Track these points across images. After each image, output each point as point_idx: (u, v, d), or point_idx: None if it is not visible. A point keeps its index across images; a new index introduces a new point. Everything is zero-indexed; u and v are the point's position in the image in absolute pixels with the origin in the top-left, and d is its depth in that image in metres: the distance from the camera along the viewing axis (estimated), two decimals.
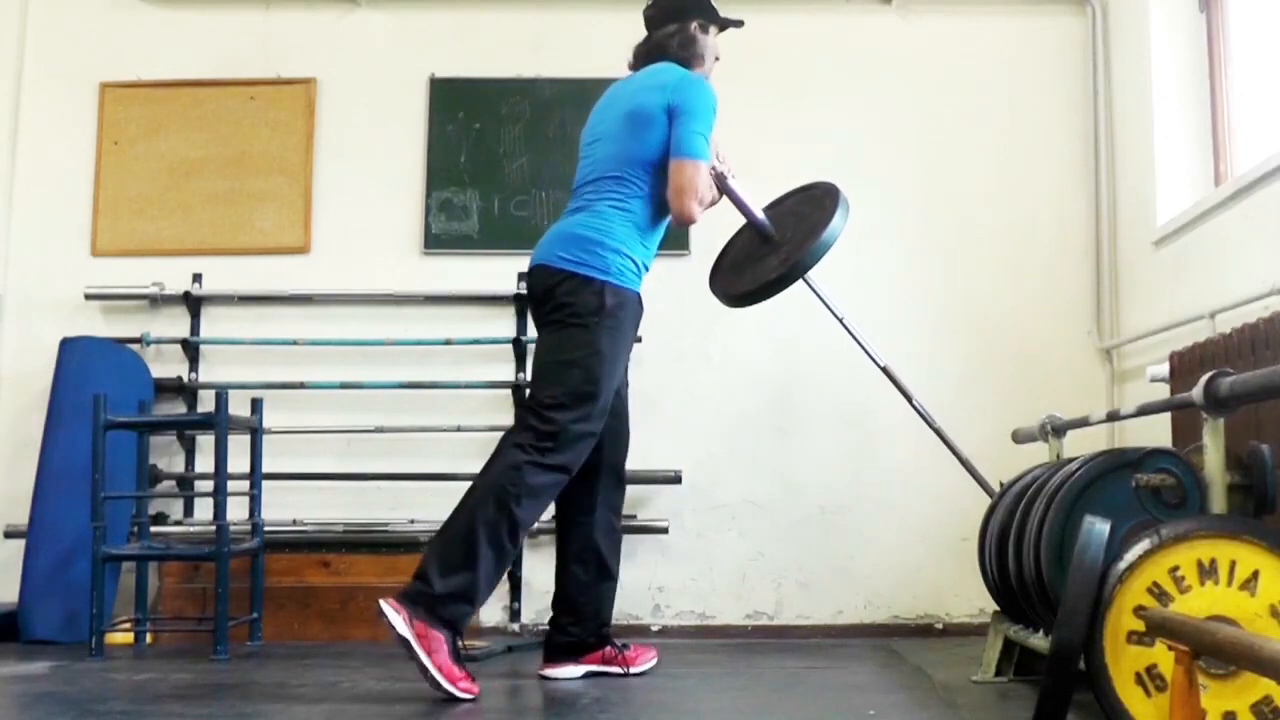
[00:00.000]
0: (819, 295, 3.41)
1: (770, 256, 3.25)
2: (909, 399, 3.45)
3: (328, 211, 4.32)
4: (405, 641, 2.65)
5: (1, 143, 4.33)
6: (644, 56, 3.17)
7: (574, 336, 2.92)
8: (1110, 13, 4.26)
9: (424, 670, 2.65)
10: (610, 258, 2.94)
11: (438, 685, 2.65)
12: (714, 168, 3.10)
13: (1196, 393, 2.27)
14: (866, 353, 3.46)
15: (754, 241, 3.34)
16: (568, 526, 3.11)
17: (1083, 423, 3.09)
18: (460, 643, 2.75)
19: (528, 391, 2.98)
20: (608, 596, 3.11)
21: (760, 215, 3.29)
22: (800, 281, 3.26)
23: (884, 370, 3.46)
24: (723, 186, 3.15)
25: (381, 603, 2.67)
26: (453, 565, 2.75)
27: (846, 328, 3.45)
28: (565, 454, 2.88)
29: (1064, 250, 4.24)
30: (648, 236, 3.06)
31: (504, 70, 4.36)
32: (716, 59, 3.23)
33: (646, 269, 3.08)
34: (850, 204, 3.22)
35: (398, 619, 2.65)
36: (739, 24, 3.26)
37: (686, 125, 2.96)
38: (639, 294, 3.04)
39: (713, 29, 3.21)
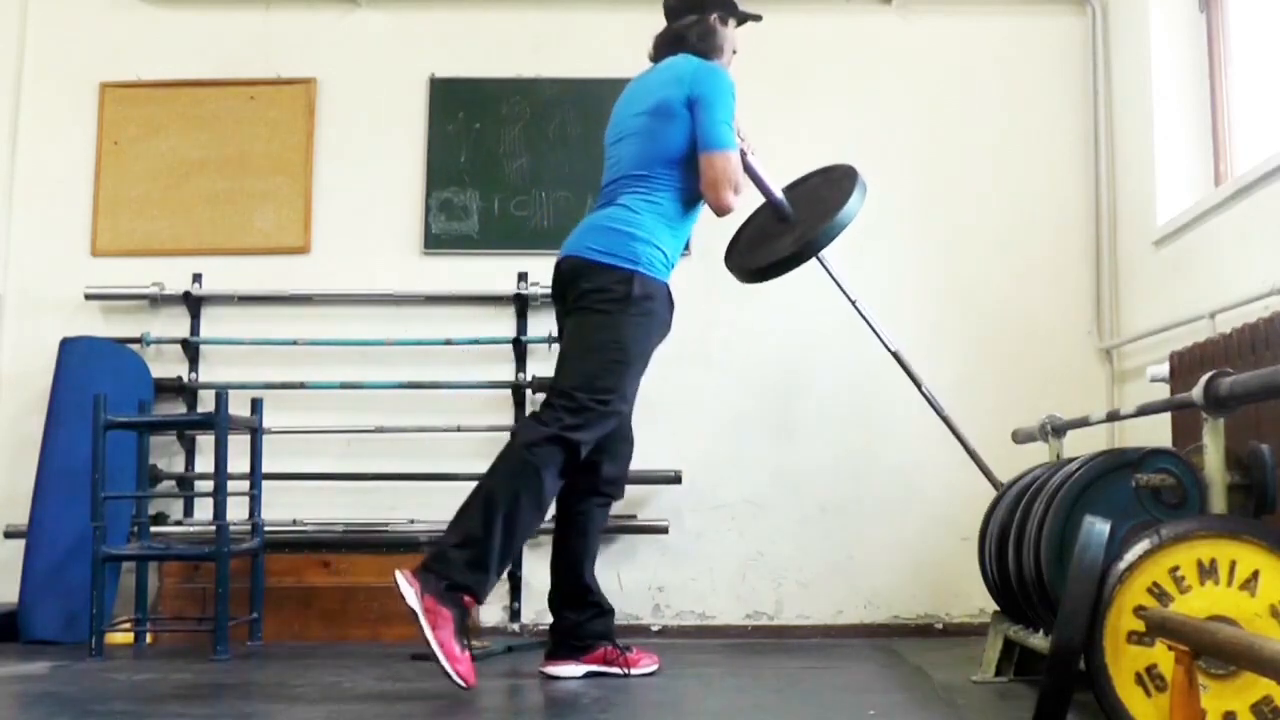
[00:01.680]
0: (833, 277, 3.42)
1: (786, 235, 3.27)
2: (918, 385, 3.45)
3: (328, 212, 4.32)
4: (414, 614, 2.66)
5: (1, 143, 4.33)
6: (663, 47, 3.19)
7: (600, 322, 2.95)
8: (1110, 13, 4.26)
9: (427, 644, 2.67)
10: (640, 248, 2.97)
11: (436, 661, 2.66)
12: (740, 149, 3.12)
13: (1196, 393, 2.27)
14: (878, 336, 3.46)
15: (771, 220, 3.37)
16: (565, 518, 3.12)
17: (1083, 423, 3.09)
18: (468, 631, 2.76)
19: (553, 381, 3.00)
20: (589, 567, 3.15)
21: (778, 194, 3.31)
22: (815, 262, 3.29)
23: (894, 355, 3.47)
24: (742, 163, 3.17)
25: (397, 573, 2.70)
26: (471, 538, 2.76)
27: (859, 310, 3.46)
28: (588, 431, 2.90)
29: (1064, 250, 4.24)
30: (677, 230, 3.08)
31: (504, 70, 4.36)
32: (735, 51, 3.25)
33: (674, 263, 3.10)
34: (867, 187, 3.23)
35: (409, 590, 2.67)
36: (757, 18, 3.28)
37: (710, 116, 2.99)
38: (668, 286, 3.06)
39: (731, 21, 3.23)
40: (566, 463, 2.89)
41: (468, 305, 4.24)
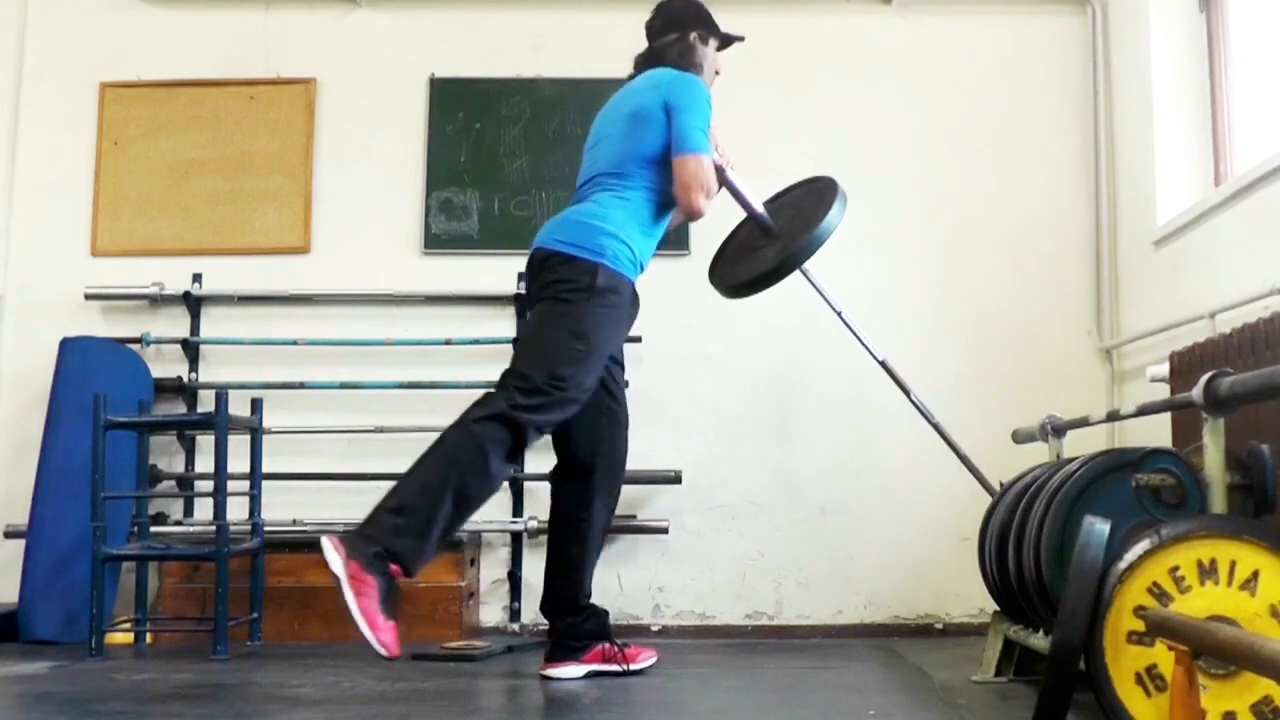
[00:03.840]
0: (817, 288, 3.42)
1: (768, 248, 3.27)
2: (907, 393, 3.45)
3: (328, 211, 4.32)
4: (337, 579, 2.57)
5: (1, 143, 4.33)
6: (643, 64, 3.22)
7: (562, 310, 2.93)
8: (1110, 13, 4.26)
9: (348, 611, 2.56)
10: (605, 241, 2.96)
11: (357, 628, 2.57)
12: (713, 160, 3.11)
13: (1196, 393, 2.27)
14: (864, 346, 3.46)
15: (754, 233, 3.37)
16: (562, 524, 3.11)
17: (1083, 423, 3.09)
18: (396, 601, 2.62)
19: (510, 364, 2.95)
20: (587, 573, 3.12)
21: (759, 207, 3.32)
22: (800, 275, 3.28)
23: (882, 364, 3.47)
24: (721, 179, 3.17)
25: (323, 538, 2.61)
26: (407, 505, 2.70)
27: (845, 321, 3.46)
28: (539, 415, 2.84)
29: (1064, 250, 4.24)
30: (648, 230, 3.08)
31: (504, 70, 4.36)
32: (717, 73, 3.27)
33: (644, 266, 3.09)
34: (849, 198, 3.23)
35: (335, 556, 2.58)
36: (740, 39, 3.30)
37: (684, 120, 3.00)
38: (634, 285, 3.05)
39: (713, 41, 3.25)
40: (513, 444, 2.83)
41: (467, 305, 4.24)
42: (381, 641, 2.58)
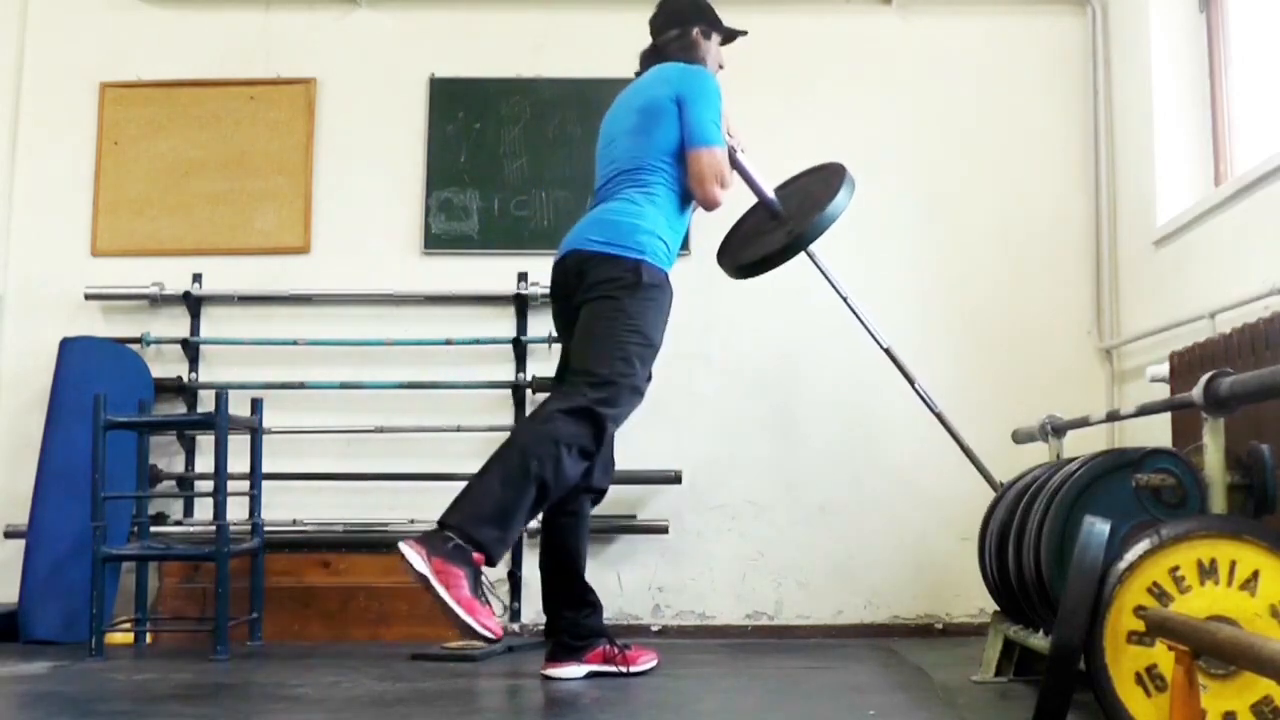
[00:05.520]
0: (823, 272, 3.45)
1: (776, 230, 3.32)
2: (911, 382, 3.46)
3: (328, 211, 4.32)
4: (424, 578, 2.56)
5: (1, 143, 4.33)
6: (647, 60, 3.26)
7: (615, 307, 2.96)
8: (1110, 13, 4.26)
9: (444, 606, 2.56)
10: (644, 239, 3.01)
11: (457, 619, 2.56)
12: (727, 144, 3.15)
13: (1196, 393, 2.27)
14: (870, 333, 3.47)
15: (763, 217, 3.41)
16: (563, 522, 3.11)
17: (1083, 423, 3.09)
18: (483, 590, 2.67)
19: (573, 363, 3.00)
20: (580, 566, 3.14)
21: (769, 191, 3.36)
22: (807, 258, 3.32)
23: (886, 351, 3.48)
24: (732, 161, 3.20)
25: (400, 544, 2.60)
26: (488, 494, 2.71)
27: (850, 307, 3.47)
28: (614, 406, 2.90)
29: (1064, 250, 4.24)
30: (674, 223, 3.12)
31: (504, 70, 4.36)
32: (720, 67, 3.30)
33: (675, 255, 3.14)
34: (856, 183, 3.26)
35: (416, 556, 2.58)
36: (743, 33, 3.34)
37: (696, 113, 3.05)
38: (668, 275, 3.09)
39: (715, 36, 3.28)
40: (594, 438, 2.85)
41: (468, 305, 4.23)
42: (485, 625, 2.59)
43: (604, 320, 2.97)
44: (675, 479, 4.07)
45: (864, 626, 4.07)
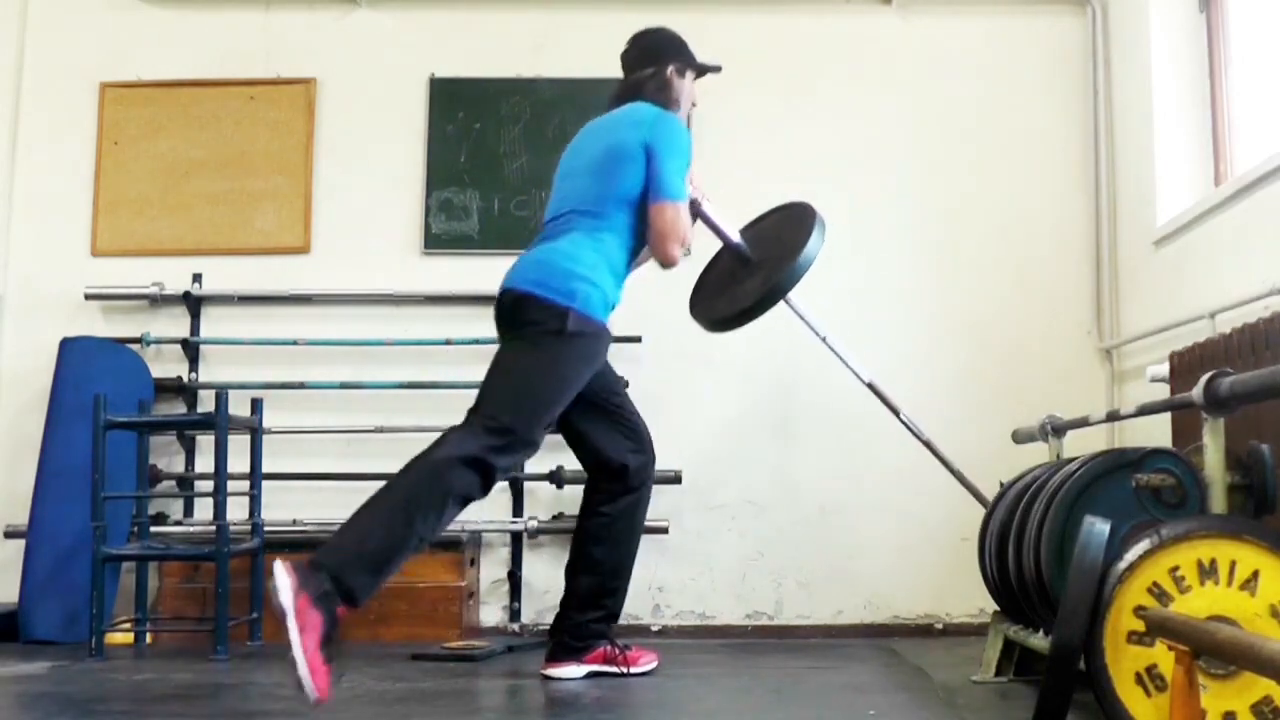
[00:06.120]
0: (801, 316, 3.39)
1: (749, 279, 3.21)
2: (896, 414, 3.44)
3: (328, 211, 4.32)
4: (283, 611, 2.44)
5: (1, 143, 4.33)
6: (620, 98, 3.16)
7: (532, 354, 2.89)
8: (1110, 13, 4.26)
9: (290, 646, 2.43)
10: (577, 285, 2.90)
11: (295, 668, 2.43)
12: (690, 195, 3.07)
13: (1196, 393, 2.27)
14: (851, 370, 3.45)
15: (733, 264, 3.31)
16: (580, 527, 3.11)
17: (1083, 423, 3.09)
18: (335, 643, 2.52)
19: (476, 403, 2.90)
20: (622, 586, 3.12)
21: (737, 238, 3.27)
22: (781, 303, 3.23)
23: (869, 386, 3.45)
24: (696, 212, 3.13)
25: (276, 562, 2.51)
26: (372, 537, 2.65)
27: (830, 346, 3.44)
28: (506, 457, 2.81)
29: (1064, 250, 4.24)
30: (619, 272, 3.02)
31: (504, 70, 4.36)
32: (694, 105, 3.24)
33: (614, 305, 3.02)
34: (826, 224, 3.18)
35: (286, 585, 2.46)
36: (716, 69, 3.25)
37: (664, 165, 2.95)
38: (605, 326, 2.98)
39: (690, 74, 3.20)
40: (481, 488, 2.78)
41: (468, 305, 4.23)
42: (316, 685, 2.45)
43: (520, 363, 2.89)
44: (675, 479, 4.06)
45: (864, 626, 4.07)
